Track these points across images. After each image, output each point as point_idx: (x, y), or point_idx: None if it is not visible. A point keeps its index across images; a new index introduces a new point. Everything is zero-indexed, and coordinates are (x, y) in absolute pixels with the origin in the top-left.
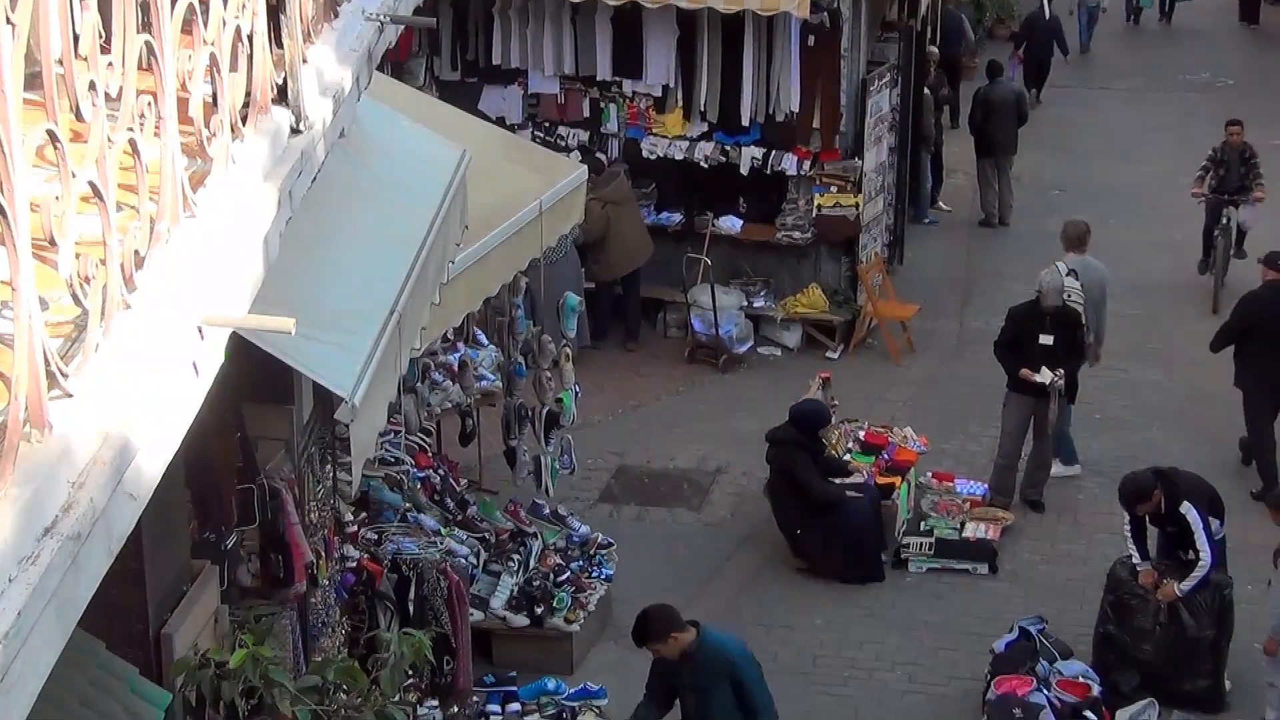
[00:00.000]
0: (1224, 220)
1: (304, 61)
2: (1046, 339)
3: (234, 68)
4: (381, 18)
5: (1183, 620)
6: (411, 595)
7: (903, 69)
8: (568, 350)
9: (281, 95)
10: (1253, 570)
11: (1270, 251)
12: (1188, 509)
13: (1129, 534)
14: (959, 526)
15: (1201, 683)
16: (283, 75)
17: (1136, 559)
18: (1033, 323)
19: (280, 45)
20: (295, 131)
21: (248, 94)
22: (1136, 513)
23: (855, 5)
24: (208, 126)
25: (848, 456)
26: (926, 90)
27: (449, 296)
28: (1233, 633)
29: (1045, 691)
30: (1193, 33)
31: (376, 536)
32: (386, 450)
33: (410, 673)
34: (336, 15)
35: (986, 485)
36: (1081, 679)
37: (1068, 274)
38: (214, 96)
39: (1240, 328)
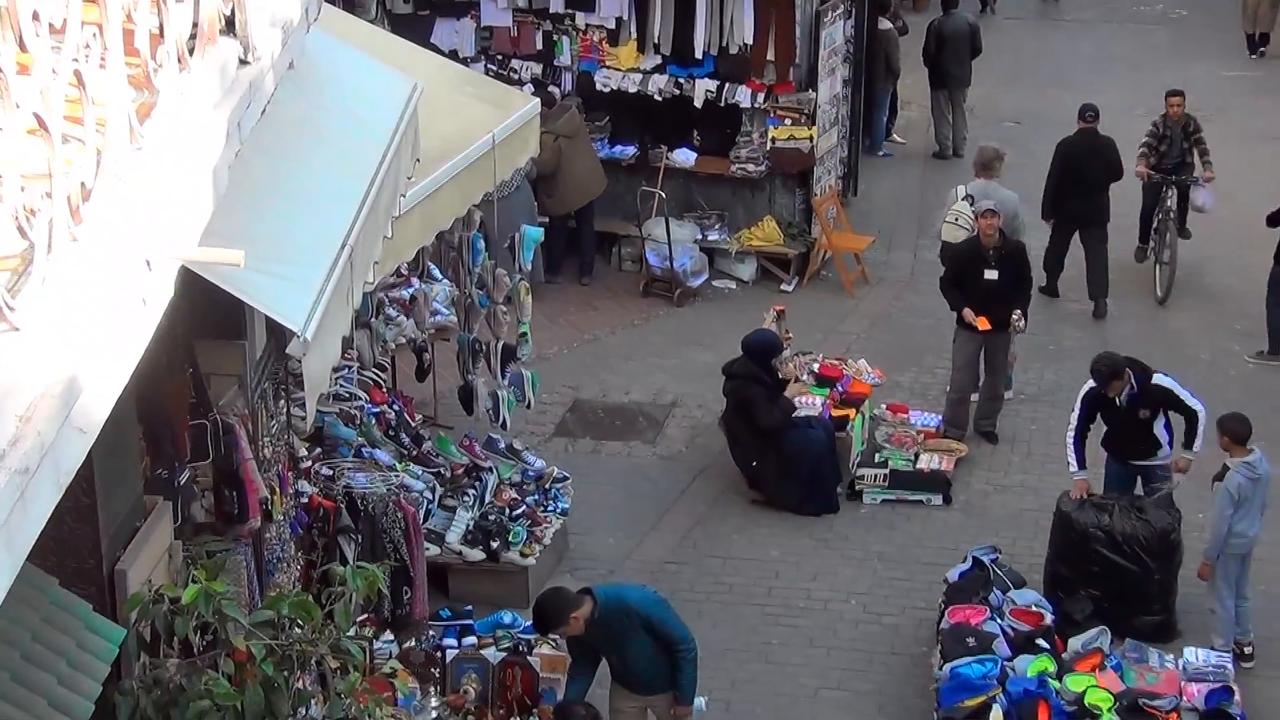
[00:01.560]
0: (1166, 202)
1: None
2: (991, 274)
3: None
4: None
5: (1135, 558)
6: (360, 529)
7: (856, 1)
8: (526, 284)
9: (229, 26)
10: (1201, 500)
11: (1083, 104)
12: (1161, 378)
13: (1072, 440)
14: (913, 458)
15: (1153, 617)
16: (230, 6)
17: (1073, 465)
18: (976, 260)
19: None
20: (243, 63)
21: (194, 25)
22: (1109, 391)
23: None
24: (154, 58)
25: (805, 379)
26: (891, 25)
27: (401, 230)
28: (1181, 566)
29: (999, 620)
30: None
31: (331, 472)
32: (341, 385)
33: (366, 605)
34: None
35: (940, 417)
36: (1034, 608)
37: (964, 198)
38: (160, 28)
39: (1058, 174)
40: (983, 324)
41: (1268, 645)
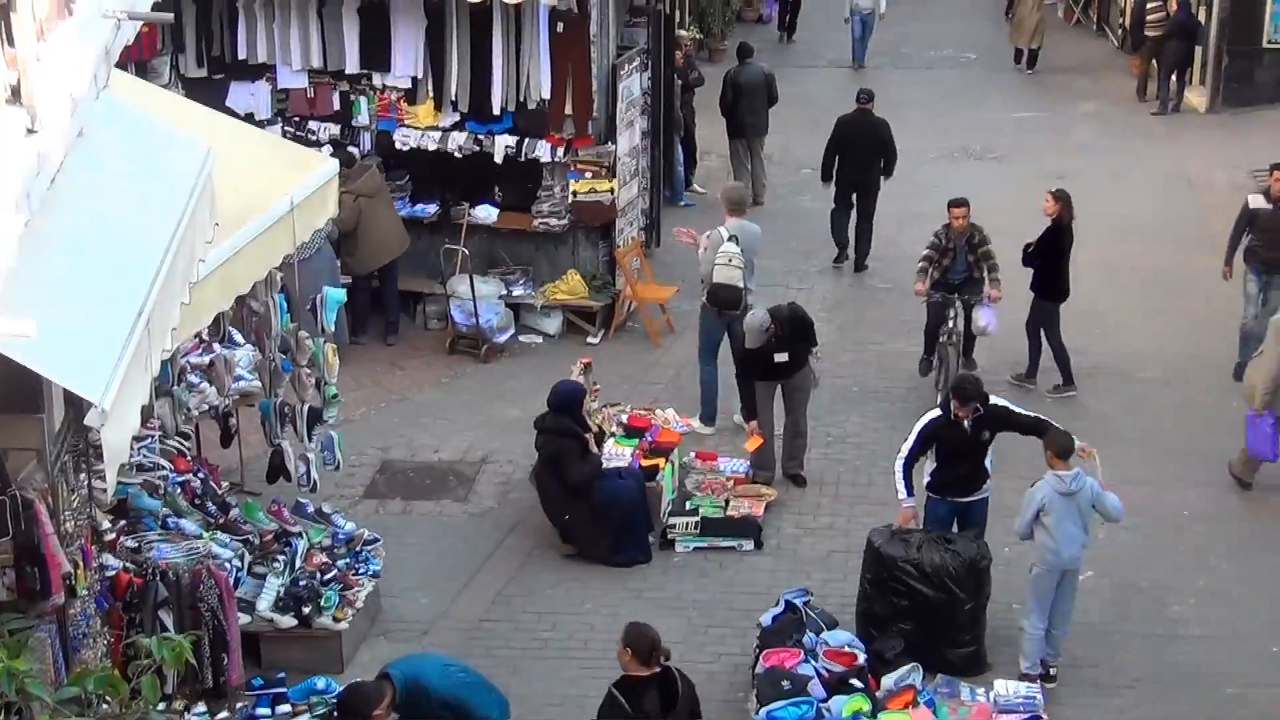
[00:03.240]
0: (949, 321)
1: (38, 60)
2: (781, 356)
3: None
4: (119, 14)
5: (944, 589)
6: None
7: (653, 53)
8: (332, 345)
9: (15, 95)
10: (1009, 534)
11: (860, 89)
12: (996, 399)
13: (901, 467)
14: (724, 504)
15: (964, 649)
16: (15, 75)
17: (902, 493)
18: (765, 353)
19: (11, 44)
20: (30, 132)
21: None
22: (963, 412)
23: None
24: None
25: (611, 440)
26: (675, 75)
27: (200, 295)
28: (990, 597)
29: (813, 662)
30: (938, 11)
31: (136, 544)
32: (143, 455)
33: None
34: (71, 13)
35: (749, 462)
36: (847, 648)
37: (729, 239)
38: None
39: (834, 146)
40: (752, 444)
41: (1075, 673)
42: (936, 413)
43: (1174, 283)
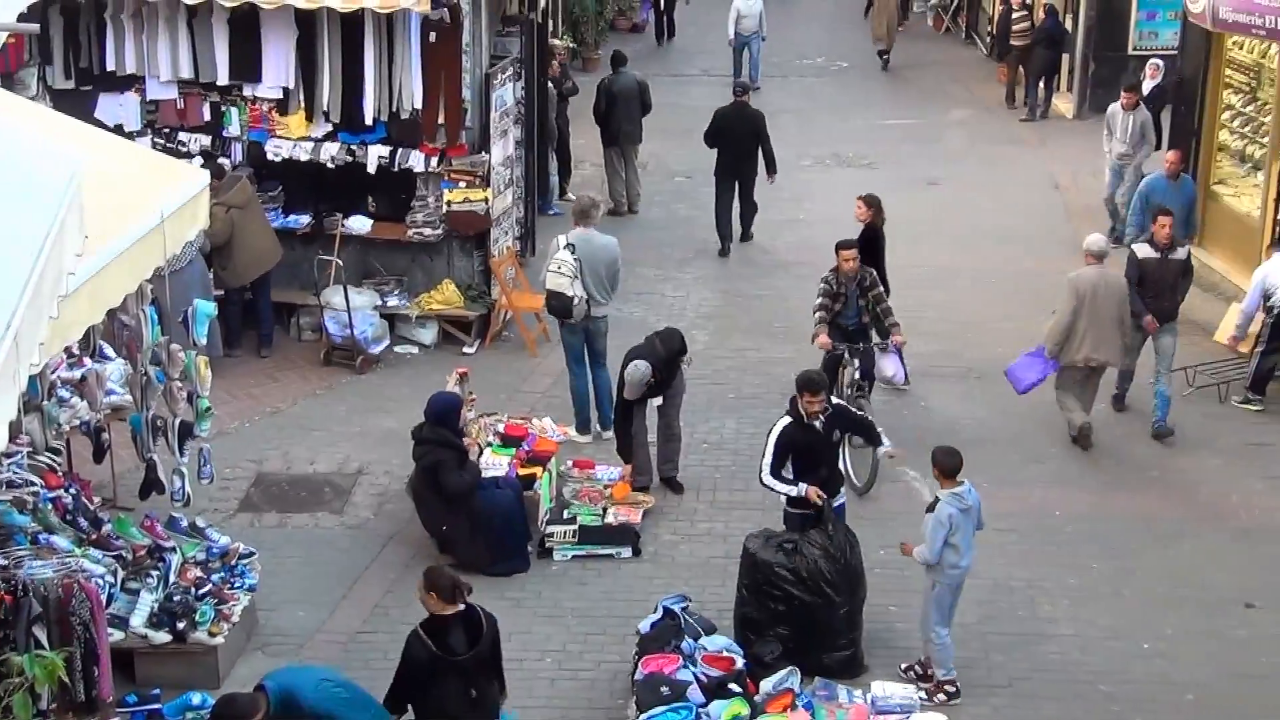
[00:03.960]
0: (845, 373)
1: None
2: (656, 400)
3: None
4: None
5: (820, 593)
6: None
7: (525, 62)
8: (205, 358)
9: None
10: (882, 537)
11: (736, 81)
12: (836, 399)
13: (770, 477)
14: (601, 512)
15: (841, 652)
16: None
17: (787, 489)
18: (641, 401)
19: None
20: None
21: None
22: (814, 405)
23: (475, 0)
24: None
25: (489, 449)
26: (550, 84)
27: (70, 310)
28: (865, 600)
29: (691, 668)
30: (806, 18)
31: (6, 561)
32: (13, 472)
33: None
34: None
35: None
36: (726, 653)
37: (565, 247)
38: None
39: (711, 134)
40: (622, 491)
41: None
42: (787, 419)
43: (1043, 286)
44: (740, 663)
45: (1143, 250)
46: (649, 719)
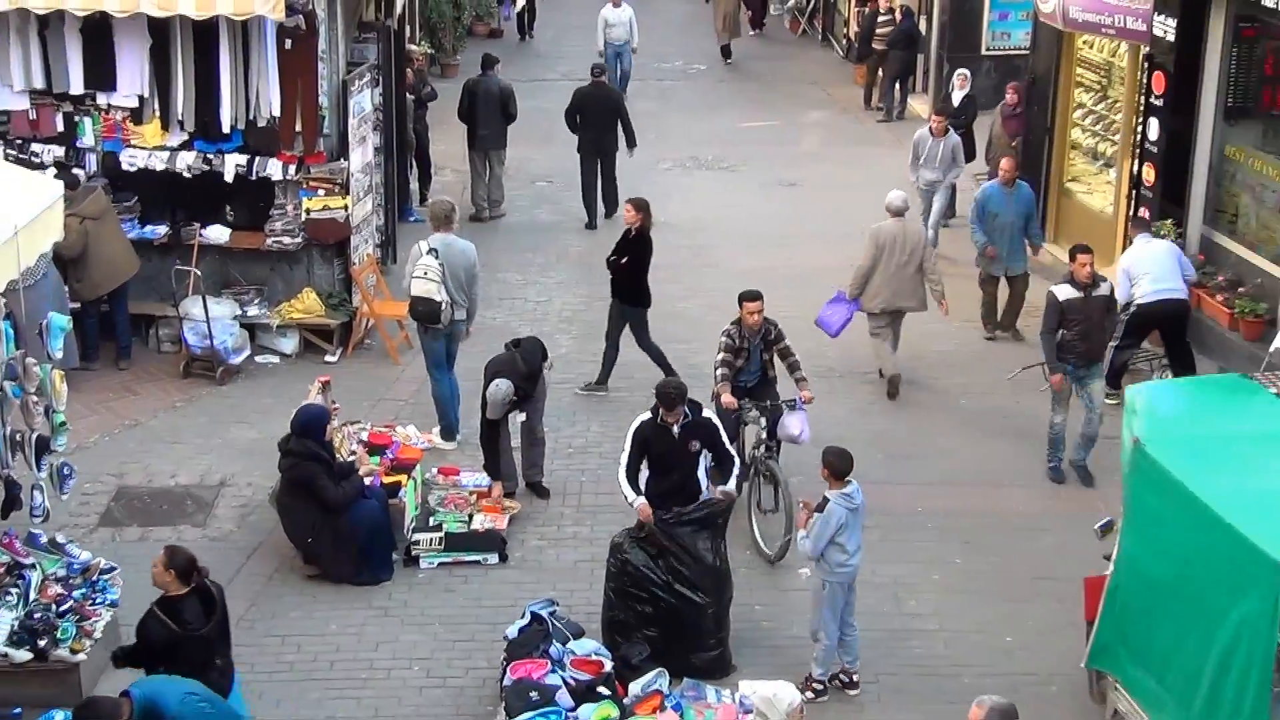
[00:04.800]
0: (750, 428)
1: None
2: (522, 416)
3: None
4: None
5: (687, 595)
6: None
7: (383, 69)
8: (60, 372)
9: None
10: (748, 536)
11: (594, 63)
12: (710, 414)
13: (624, 476)
14: (468, 519)
15: (709, 653)
16: None
17: (631, 496)
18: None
19: None
20: None
21: None
22: (670, 416)
23: (330, 6)
24: None
25: (352, 457)
26: (407, 91)
27: None
28: (732, 600)
29: (560, 672)
30: (663, 22)
31: None
32: None
33: None
34: None
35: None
36: (594, 656)
37: (428, 252)
38: None
39: (572, 112)
40: (492, 509)
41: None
42: (646, 415)
43: None
44: (609, 666)
45: (1064, 292)
46: None
